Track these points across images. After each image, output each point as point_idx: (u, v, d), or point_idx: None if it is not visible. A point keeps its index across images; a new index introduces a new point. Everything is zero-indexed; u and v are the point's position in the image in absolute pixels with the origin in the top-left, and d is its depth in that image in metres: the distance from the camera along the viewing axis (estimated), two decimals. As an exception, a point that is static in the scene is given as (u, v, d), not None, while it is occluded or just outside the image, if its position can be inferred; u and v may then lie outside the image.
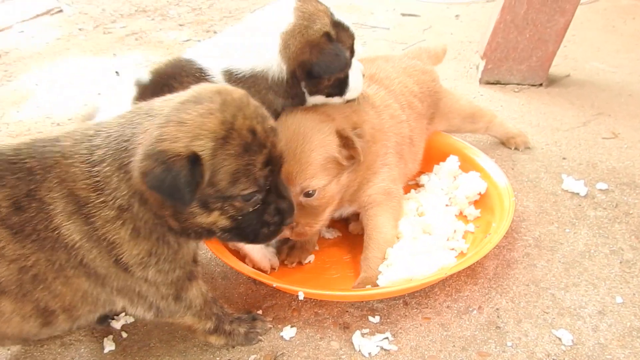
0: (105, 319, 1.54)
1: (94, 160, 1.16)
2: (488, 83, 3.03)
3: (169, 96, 1.20)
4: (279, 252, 1.78)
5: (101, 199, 1.15)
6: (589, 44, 3.57)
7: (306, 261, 1.77)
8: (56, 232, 1.14)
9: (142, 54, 3.59)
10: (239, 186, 1.14)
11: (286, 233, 1.57)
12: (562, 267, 1.70)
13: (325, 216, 1.64)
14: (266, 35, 1.51)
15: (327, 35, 1.53)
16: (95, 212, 1.15)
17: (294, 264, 1.76)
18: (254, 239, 1.29)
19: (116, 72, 3.27)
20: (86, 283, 1.22)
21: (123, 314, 1.56)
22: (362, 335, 1.48)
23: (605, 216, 1.92)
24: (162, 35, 3.95)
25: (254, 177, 1.15)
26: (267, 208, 1.24)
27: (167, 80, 1.49)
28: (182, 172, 1.05)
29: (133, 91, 1.48)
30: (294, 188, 1.51)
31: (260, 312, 1.57)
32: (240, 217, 1.20)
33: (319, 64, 1.51)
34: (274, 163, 1.19)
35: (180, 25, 4.17)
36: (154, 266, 1.23)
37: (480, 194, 1.91)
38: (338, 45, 1.55)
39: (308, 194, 1.55)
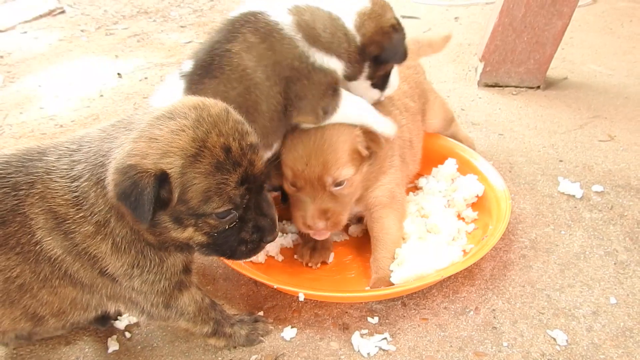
0: (106, 321, 1.57)
1: (73, 175, 1.17)
2: (487, 85, 3.06)
3: (149, 109, 1.21)
4: (300, 256, 1.81)
5: (80, 214, 1.16)
6: (587, 47, 3.60)
7: (329, 260, 1.81)
8: (38, 246, 1.17)
9: (144, 55, 3.62)
10: (211, 204, 1.12)
11: (319, 226, 1.61)
12: (557, 268, 1.73)
13: (350, 207, 1.70)
14: (342, 9, 1.60)
15: (395, 26, 1.64)
16: (74, 227, 1.16)
17: (318, 265, 1.79)
18: (230, 256, 1.28)
19: (118, 74, 3.30)
20: (74, 291, 1.25)
21: (126, 314, 1.58)
22: (361, 335, 1.51)
23: (600, 218, 1.95)
24: (163, 37, 3.98)
25: (227, 196, 1.13)
26: (244, 226, 1.22)
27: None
28: (147, 189, 1.04)
29: (181, 84, 1.49)
30: (327, 178, 1.58)
31: (261, 313, 1.60)
32: (215, 234, 1.19)
33: (387, 50, 1.62)
34: (251, 181, 1.17)
35: (182, 26, 4.20)
36: (138, 277, 1.25)
37: (477, 196, 1.94)
38: (402, 37, 1.66)
39: (339, 184, 1.60)
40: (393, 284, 1.58)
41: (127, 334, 1.56)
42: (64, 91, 3.13)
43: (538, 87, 3.01)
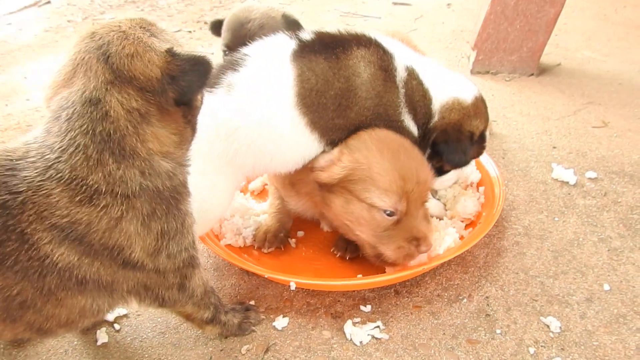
0: None
1: (70, 176, 1.06)
2: (479, 73, 3.03)
3: None
4: (258, 240, 1.80)
5: (97, 210, 1.07)
6: (580, 33, 3.58)
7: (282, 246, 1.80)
8: (47, 259, 1.07)
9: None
10: None
11: (423, 251, 1.50)
12: (551, 255, 1.72)
13: None
14: (446, 89, 1.67)
15: (473, 135, 1.69)
16: (91, 227, 1.08)
17: (271, 250, 1.78)
18: None
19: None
20: (82, 300, 1.17)
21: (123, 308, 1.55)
22: (354, 324, 1.50)
23: (594, 205, 1.94)
24: (152, 26, 3.91)
25: None
26: None
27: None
28: None
29: (292, 45, 1.55)
30: (429, 192, 1.55)
31: (252, 302, 1.58)
32: None
33: (447, 147, 1.67)
34: None
35: (170, 15, 4.14)
36: (165, 250, 1.19)
37: (472, 183, 1.93)
38: (469, 148, 1.69)
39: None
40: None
41: (117, 326, 1.54)
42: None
43: (532, 74, 2.99)
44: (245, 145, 1.52)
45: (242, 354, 1.43)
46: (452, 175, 1.80)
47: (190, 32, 3.81)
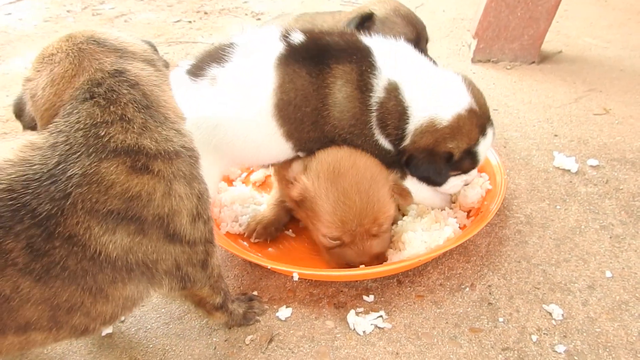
0: None
1: (123, 149, 1.08)
2: (480, 61, 3.02)
3: None
4: (247, 228, 1.81)
5: (151, 183, 1.09)
6: (582, 19, 3.55)
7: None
8: (101, 254, 1.07)
9: (132, 35, 3.55)
10: None
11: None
12: (553, 243, 1.72)
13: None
14: (427, 107, 1.56)
15: (448, 156, 1.59)
16: (145, 203, 1.09)
17: (258, 240, 1.79)
18: None
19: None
20: (128, 289, 1.16)
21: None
22: (357, 314, 1.50)
23: (595, 192, 1.94)
24: (151, 16, 3.90)
25: None
26: None
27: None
28: None
29: (280, 47, 1.56)
30: (376, 228, 1.52)
31: (255, 293, 1.59)
32: None
33: (418, 168, 1.60)
34: None
35: (170, 5, 4.12)
36: (203, 214, 1.21)
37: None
38: (445, 169, 1.61)
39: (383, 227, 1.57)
40: None
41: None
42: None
43: (533, 62, 2.98)
44: (224, 143, 1.58)
45: (246, 344, 1.44)
46: (457, 181, 1.71)
47: (190, 22, 3.79)
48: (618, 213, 1.84)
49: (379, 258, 1.57)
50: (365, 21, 1.95)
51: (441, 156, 1.58)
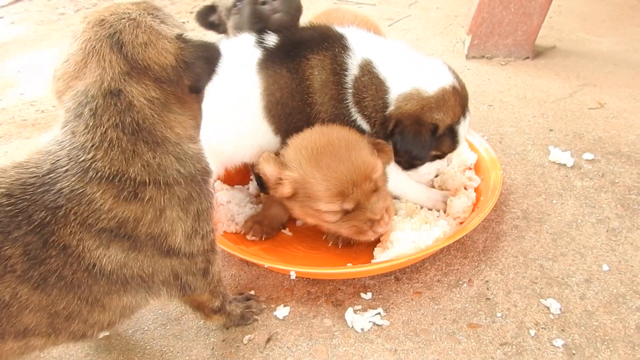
0: None
1: (115, 170, 1.05)
2: (474, 58, 3.02)
3: None
4: (245, 227, 1.81)
5: (146, 200, 1.07)
6: (575, 14, 3.56)
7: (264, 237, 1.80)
8: (95, 266, 1.06)
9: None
10: None
11: (387, 221, 1.54)
12: (549, 237, 1.72)
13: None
14: (406, 80, 1.61)
15: (435, 128, 1.61)
16: (140, 222, 1.08)
17: (255, 238, 1.78)
18: None
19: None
20: (125, 299, 1.16)
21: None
22: (355, 311, 1.50)
23: (591, 186, 1.94)
24: (144, 18, 3.88)
25: None
26: None
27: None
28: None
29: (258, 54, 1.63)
30: (372, 185, 1.51)
31: (252, 292, 1.58)
32: None
33: (402, 140, 1.61)
34: None
35: (162, 6, 4.10)
36: (200, 230, 1.19)
37: (470, 166, 1.93)
38: (429, 142, 1.62)
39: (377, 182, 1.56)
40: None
41: (118, 319, 1.54)
42: (44, 76, 3.05)
43: (527, 58, 2.98)
44: (217, 150, 1.65)
45: (244, 344, 1.43)
46: (430, 168, 1.75)
47: (183, 22, 3.77)
48: (614, 206, 1.84)
49: (388, 211, 1.55)
50: (211, 14, 1.91)
51: (427, 127, 1.60)
